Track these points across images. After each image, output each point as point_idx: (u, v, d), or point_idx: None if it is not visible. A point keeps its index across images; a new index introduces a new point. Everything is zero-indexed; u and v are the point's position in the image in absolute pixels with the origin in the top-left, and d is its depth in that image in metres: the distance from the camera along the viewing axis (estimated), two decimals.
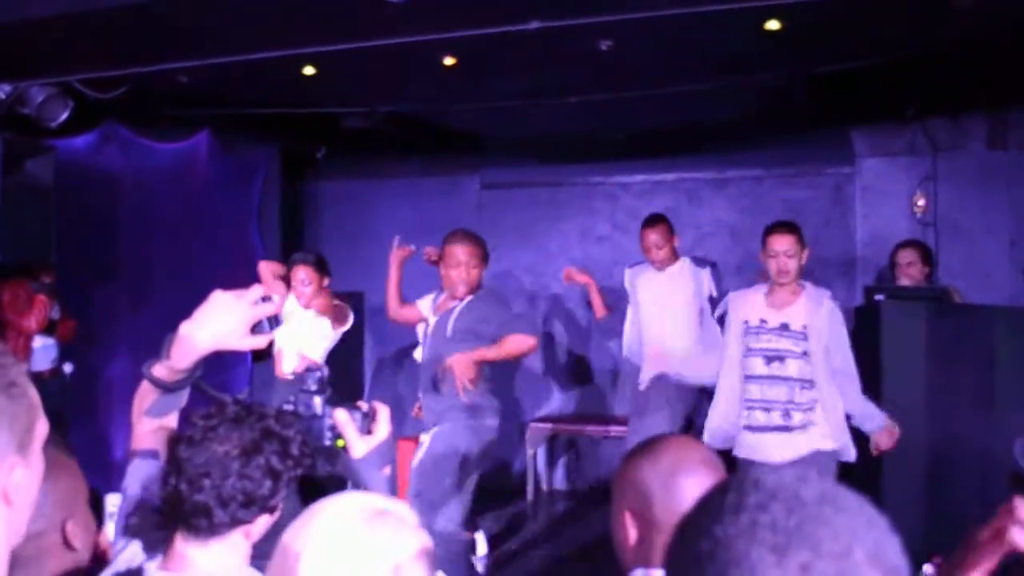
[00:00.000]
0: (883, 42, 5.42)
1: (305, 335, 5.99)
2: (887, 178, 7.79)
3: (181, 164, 7.52)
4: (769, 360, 4.83)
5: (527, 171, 8.68)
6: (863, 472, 4.75)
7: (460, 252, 5.13)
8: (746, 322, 4.93)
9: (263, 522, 1.99)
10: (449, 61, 5.55)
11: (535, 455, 8.22)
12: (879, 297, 5.52)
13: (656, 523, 1.76)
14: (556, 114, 6.99)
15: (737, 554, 0.87)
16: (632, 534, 1.79)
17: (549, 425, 8.20)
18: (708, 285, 6.08)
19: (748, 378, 4.89)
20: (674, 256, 6.21)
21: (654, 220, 6.26)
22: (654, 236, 6.17)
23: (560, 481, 8.57)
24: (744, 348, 4.92)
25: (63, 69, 5.79)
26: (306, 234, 9.30)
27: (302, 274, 5.94)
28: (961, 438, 5.08)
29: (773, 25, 4.88)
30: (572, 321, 8.60)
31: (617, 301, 6.37)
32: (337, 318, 6.02)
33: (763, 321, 4.88)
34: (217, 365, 7.70)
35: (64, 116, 6.00)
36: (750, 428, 4.89)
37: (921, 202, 7.56)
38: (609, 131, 7.78)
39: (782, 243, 4.87)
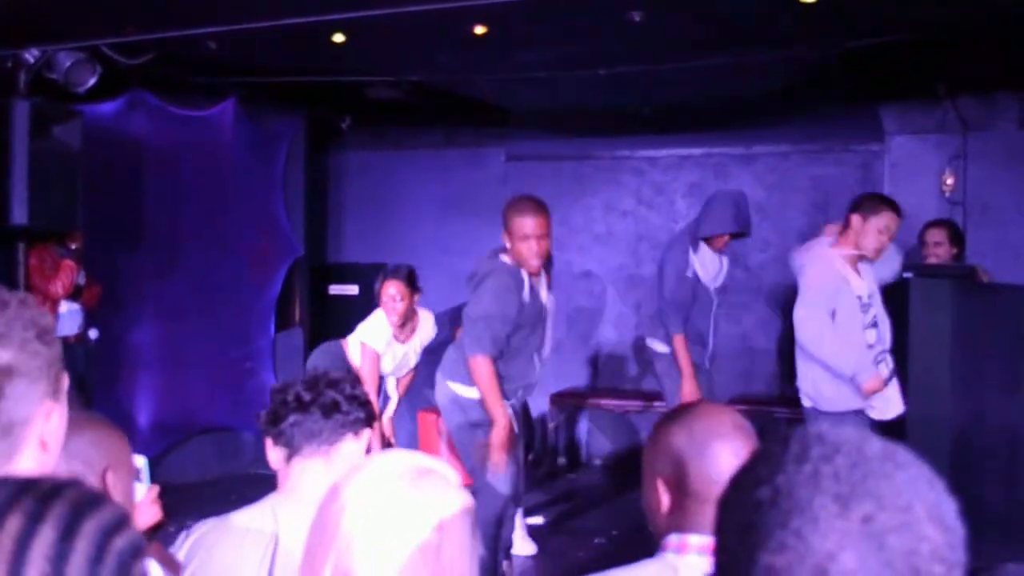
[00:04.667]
0: (915, 18, 5.36)
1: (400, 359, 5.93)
2: (916, 156, 7.70)
3: (207, 131, 7.55)
4: (874, 326, 4.93)
5: (553, 144, 8.63)
6: None
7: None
8: (859, 297, 4.88)
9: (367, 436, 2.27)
10: (480, 30, 5.52)
11: (556, 428, 8.30)
12: (908, 274, 5.48)
13: (690, 490, 1.74)
14: (584, 86, 6.95)
15: (800, 501, 0.87)
16: (665, 501, 1.78)
17: (568, 399, 8.23)
18: None
19: (871, 347, 4.90)
20: None
21: None
22: None
23: (577, 454, 8.57)
24: (863, 323, 4.89)
25: (91, 34, 5.80)
26: (330, 204, 9.30)
27: (392, 289, 5.68)
28: (987, 418, 5.04)
29: None
30: (593, 295, 8.58)
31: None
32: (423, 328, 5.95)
33: (867, 296, 4.92)
34: (241, 338, 7.74)
35: (91, 82, 6.01)
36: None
37: (950, 181, 7.48)
38: (637, 104, 7.73)
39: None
